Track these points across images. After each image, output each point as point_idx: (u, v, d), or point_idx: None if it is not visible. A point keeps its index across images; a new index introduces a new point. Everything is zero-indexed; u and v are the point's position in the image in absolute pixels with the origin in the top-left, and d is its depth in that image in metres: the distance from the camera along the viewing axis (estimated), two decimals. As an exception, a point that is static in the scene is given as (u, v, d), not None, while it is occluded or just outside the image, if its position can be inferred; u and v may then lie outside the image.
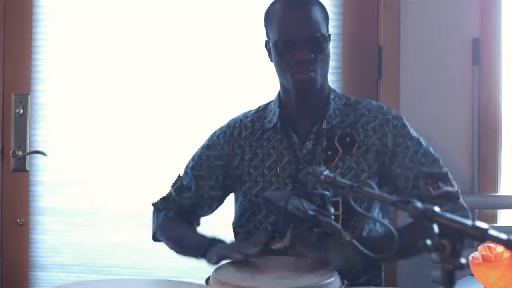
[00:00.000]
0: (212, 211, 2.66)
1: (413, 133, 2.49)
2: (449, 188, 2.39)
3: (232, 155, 2.56)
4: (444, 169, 2.43)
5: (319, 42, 2.39)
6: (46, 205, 3.47)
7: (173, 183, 2.65)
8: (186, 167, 2.65)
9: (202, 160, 2.61)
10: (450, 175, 2.43)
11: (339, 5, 3.25)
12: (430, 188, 2.37)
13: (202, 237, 2.41)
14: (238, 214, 2.58)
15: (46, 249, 3.47)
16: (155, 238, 2.66)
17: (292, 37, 2.38)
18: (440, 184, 2.38)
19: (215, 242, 2.29)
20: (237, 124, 2.61)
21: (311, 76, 2.38)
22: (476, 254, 2.08)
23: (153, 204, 2.67)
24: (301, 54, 2.36)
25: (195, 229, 2.61)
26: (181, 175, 2.65)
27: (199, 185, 2.59)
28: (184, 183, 2.62)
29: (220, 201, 2.65)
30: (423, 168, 2.41)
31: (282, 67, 2.43)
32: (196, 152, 2.65)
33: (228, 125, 2.64)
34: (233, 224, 2.60)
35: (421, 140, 2.48)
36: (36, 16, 3.45)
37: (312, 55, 2.37)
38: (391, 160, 2.44)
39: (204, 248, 2.28)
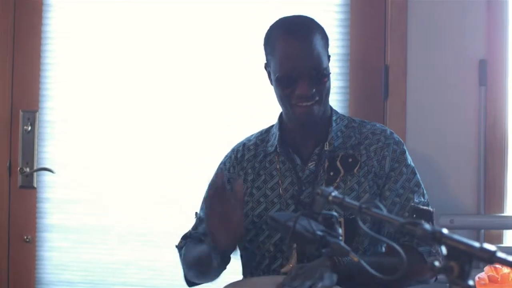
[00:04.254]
0: None
1: (410, 161, 2.50)
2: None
3: (236, 178, 2.55)
4: (432, 209, 2.42)
5: (320, 76, 2.37)
6: (53, 222, 3.47)
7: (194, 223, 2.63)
8: (202, 201, 2.62)
9: None
10: (433, 216, 2.42)
11: (346, 25, 3.26)
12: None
13: None
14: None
15: (53, 266, 3.47)
16: (187, 281, 2.57)
17: (293, 72, 2.35)
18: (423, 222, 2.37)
19: None
20: (240, 148, 2.61)
21: (311, 110, 2.38)
22: (482, 274, 2.09)
23: (176, 246, 2.61)
24: (303, 89, 2.34)
25: None
26: (197, 211, 2.63)
27: None
28: (199, 216, 2.59)
29: None
30: (413, 197, 2.41)
31: (283, 99, 2.41)
32: (208, 184, 2.64)
33: (232, 150, 2.64)
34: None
35: (416, 171, 2.49)
36: (45, 34, 3.47)
37: (314, 90, 2.36)
38: (384, 182, 2.44)
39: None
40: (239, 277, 2.57)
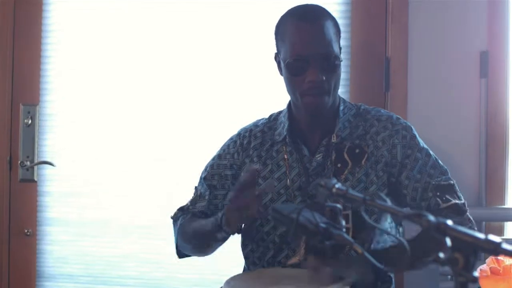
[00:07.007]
0: None
1: (422, 144, 2.47)
2: (457, 201, 2.38)
3: (241, 165, 2.54)
4: (452, 181, 2.41)
5: (331, 62, 2.34)
6: (53, 215, 3.48)
7: (192, 196, 2.60)
8: (200, 177, 2.61)
9: (214, 170, 2.57)
10: (456, 187, 2.42)
11: (347, 16, 3.26)
12: (439, 200, 2.35)
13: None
14: (245, 225, 2.57)
15: (53, 260, 3.48)
16: (178, 252, 2.56)
17: (304, 57, 2.32)
18: (448, 196, 2.37)
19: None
20: (247, 134, 2.58)
21: (321, 100, 2.36)
22: (484, 266, 2.08)
23: (171, 217, 2.60)
24: (313, 76, 2.31)
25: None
26: (196, 186, 2.61)
27: (213, 194, 2.55)
28: (199, 192, 2.57)
29: None
30: (432, 180, 2.39)
31: (293, 86, 2.39)
32: (208, 163, 2.62)
33: (238, 134, 2.61)
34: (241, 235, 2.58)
35: (430, 151, 2.47)
36: (45, 27, 3.47)
37: (324, 77, 2.32)
38: (400, 171, 2.41)
39: (219, 218, 2.24)
40: (240, 268, 2.57)
